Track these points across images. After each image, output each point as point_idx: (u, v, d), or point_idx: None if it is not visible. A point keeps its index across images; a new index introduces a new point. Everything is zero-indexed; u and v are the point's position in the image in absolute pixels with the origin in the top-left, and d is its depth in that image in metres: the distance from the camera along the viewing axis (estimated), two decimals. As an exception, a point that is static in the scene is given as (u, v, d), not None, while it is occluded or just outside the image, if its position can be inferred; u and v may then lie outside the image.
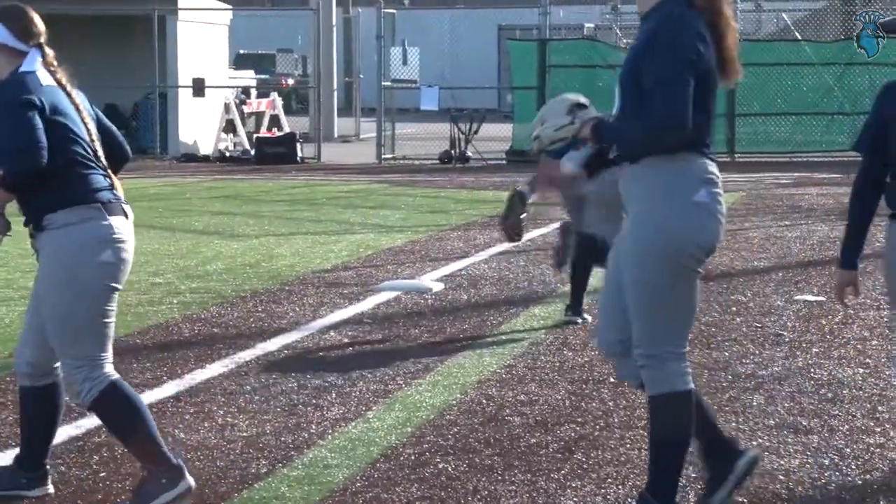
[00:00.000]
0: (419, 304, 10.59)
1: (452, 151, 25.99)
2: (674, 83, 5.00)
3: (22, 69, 5.44)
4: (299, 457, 6.36)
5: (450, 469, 6.17)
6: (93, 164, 5.45)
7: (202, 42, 28.07)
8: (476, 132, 26.07)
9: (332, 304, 10.48)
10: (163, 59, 26.72)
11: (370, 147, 28.18)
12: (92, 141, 5.49)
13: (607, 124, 5.25)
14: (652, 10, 5.17)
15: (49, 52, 5.53)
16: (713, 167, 5.19)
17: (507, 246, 13.40)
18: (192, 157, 26.84)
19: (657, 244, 5.09)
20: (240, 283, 11.48)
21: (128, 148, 5.77)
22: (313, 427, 6.90)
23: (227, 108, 27.44)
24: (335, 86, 33.61)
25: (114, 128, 5.73)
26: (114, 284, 5.47)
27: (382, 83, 27.23)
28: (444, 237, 14.82)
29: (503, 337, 9.26)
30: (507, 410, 7.24)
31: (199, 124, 27.55)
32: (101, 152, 5.52)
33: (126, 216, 5.53)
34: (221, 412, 7.17)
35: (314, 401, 7.44)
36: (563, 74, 26.09)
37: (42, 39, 5.53)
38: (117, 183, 5.59)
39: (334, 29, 33.30)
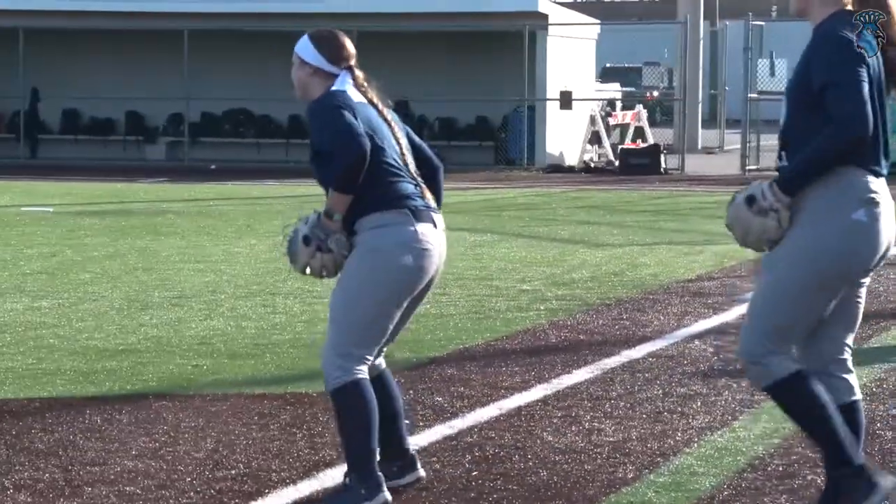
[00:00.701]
0: (786, 315, 10.43)
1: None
2: (847, 83, 4.94)
3: (333, 88, 5.74)
4: (665, 463, 6.40)
5: (819, 481, 6.07)
6: (403, 174, 5.70)
7: (570, 56, 28.43)
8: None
9: (696, 314, 10.46)
10: (532, 72, 27.19)
11: (734, 158, 27.89)
12: (402, 154, 5.75)
13: (789, 172, 5.14)
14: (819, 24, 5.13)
15: (359, 73, 5.81)
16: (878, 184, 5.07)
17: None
18: (557, 168, 27.19)
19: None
20: (605, 291, 11.59)
21: (437, 161, 5.98)
22: (679, 434, 6.92)
23: (592, 120, 27.68)
24: (700, 97, 33.39)
25: (423, 143, 5.98)
26: (405, 290, 5.68)
27: (749, 94, 26.91)
28: (812, 249, 14.52)
29: (872, 350, 9.04)
30: (878, 424, 7.08)
31: (565, 136, 27.90)
32: (411, 164, 5.78)
33: (435, 225, 5.73)
34: (588, 417, 7.28)
35: (679, 409, 7.46)
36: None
37: (352, 62, 5.81)
38: (428, 193, 5.82)
39: (701, 42, 33.10)
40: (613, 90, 34.74)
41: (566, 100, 27.12)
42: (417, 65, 28.16)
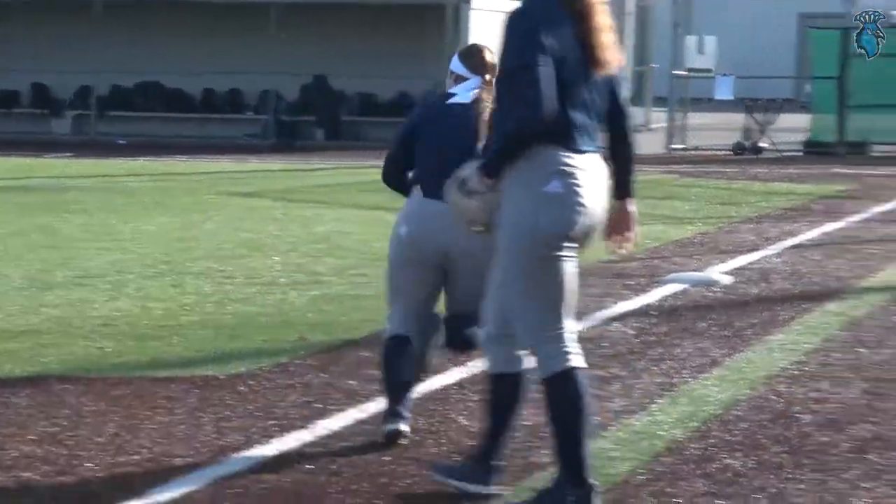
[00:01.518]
0: (707, 296, 10.37)
1: (745, 142, 25.50)
2: (529, 67, 5.04)
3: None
4: (581, 448, 6.26)
5: (736, 465, 5.99)
6: None
7: (496, 32, 28.19)
8: (772, 122, 25.52)
9: (617, 295, 10.35)
10: (455, 48, 26.93)
11: (659, 137, 27.88)
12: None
13: (488, 154, 5.24)
14: None
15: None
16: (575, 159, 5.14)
17: (800, 239, 13.07)
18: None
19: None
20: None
21: None
22: (596, 418, 6.79)
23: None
24: (627, 74, 33.37)
25: None
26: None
27: (674, 72, 26.89)
28: (734, 229, 14.51)
29: (795, 333, 8.98)
30: (798, 408, 7.00)
31: (489, 114, 27.71)
32: None
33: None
34: (504, 400, 7.12)
35: (598, 391, 7.33)
36: (866, 64, 25.27)
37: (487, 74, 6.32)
38: None
39: (628, 17, 33.08)
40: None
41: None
42: (338, 39, 27.93)
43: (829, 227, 13.82)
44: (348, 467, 5.92)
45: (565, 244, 5.23)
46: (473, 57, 6.46)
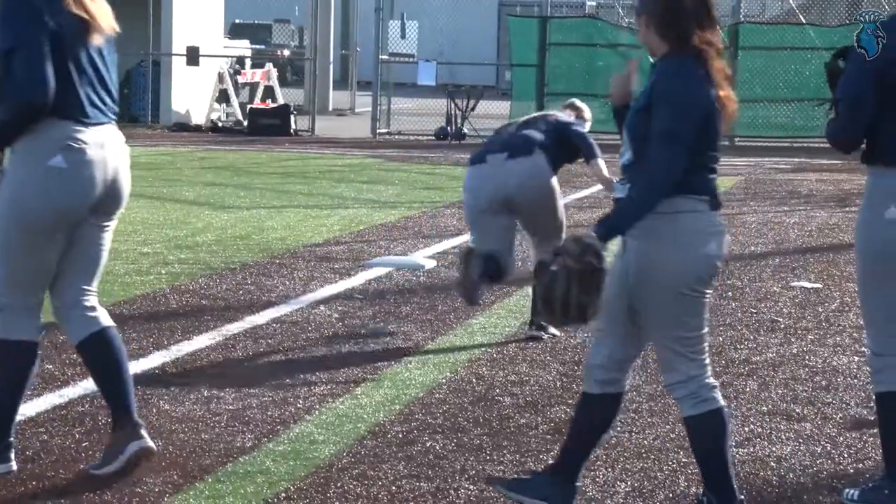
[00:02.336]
0: (411, 280, 10.48)
1: (449, 128, 25.86)
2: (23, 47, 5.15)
3: None
4: (285, 431, 6.26)
5: (438, 448, 6.08)
6: None
7: (197, 10, 27.88)
8: (473, 109, 25.94)
9: (322, 279, 10.37)
10: (157, 26, 26.53)
11: (365, 121, 28.05)
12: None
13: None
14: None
15: None
16: None
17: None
18: (184, 127, 26.67)
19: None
20: (230, 255, 11.37)
21: None
22: (300, 402, 6.80)
23: (220, 77, 27.27)
24: (332, 58, 33.42)
25: None
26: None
27: (379, 57, 27.08)
28: (437, 214, 14.71)
29: (495, 316, 9.16)
30: (498, 390, 7.15)
31: (191, 94, 27.39)
32: None
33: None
34: (207, 385, 7.07)
35: (302, 375, 7.34)
36: (563, 53, 25.94)
37: None
38: None
39: (332, 1, 33.12)
40: (243, 47, 34.36)
41: (193, 56, 26.60)
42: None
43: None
44: (45, 453, 5.77)
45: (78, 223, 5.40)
46: None
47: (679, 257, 4.86)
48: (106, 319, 5.61)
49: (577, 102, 9.00)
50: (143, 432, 5.55)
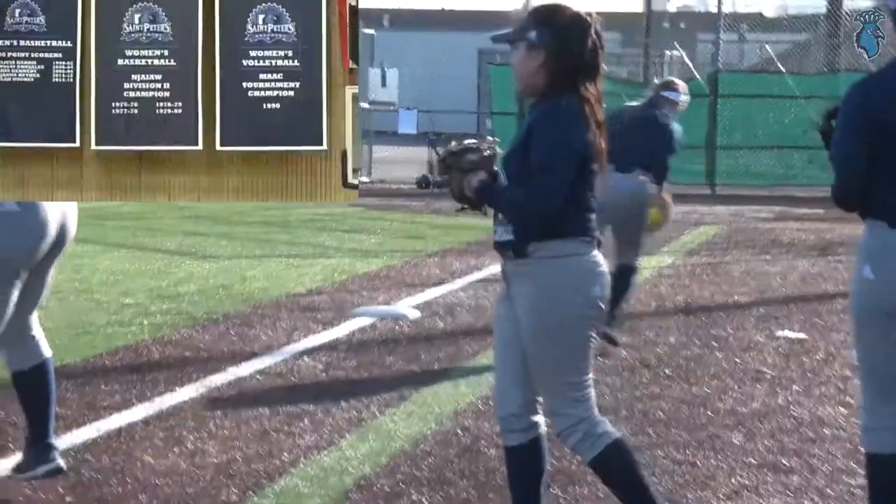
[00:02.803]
0: (394, 331, 10.45)
1: (430, 176, 25.89)
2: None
3: None
4: (270, 485, 6.21)
5: (424, 501, 6.03)
6: None
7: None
8: (453, 158, 25.96)
9: (305, 329, 10.33)
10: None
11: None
12: None
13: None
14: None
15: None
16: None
17: (484, 273, 13.31)
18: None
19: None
20: (212, 306, 11.32)
21: None
22: (285, 455, 6.75)
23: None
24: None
25: None
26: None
27: (360, 105, 27.12)
28: (420, 263, 14.69)
29: (480, 366, 9.12)
30: (483, 442, 7.10)
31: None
32: None
33: None
34: (192, 437, 7.01)
35: (286, 427, 7.29)
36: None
37: None
38: None
39: (313, 50, 33.16)
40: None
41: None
42: None
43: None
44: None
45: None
46: None
47: (566, 301, 4.89)
48: (46, 350, 6.00)
49: None
50: (56, 454, 5.97)
